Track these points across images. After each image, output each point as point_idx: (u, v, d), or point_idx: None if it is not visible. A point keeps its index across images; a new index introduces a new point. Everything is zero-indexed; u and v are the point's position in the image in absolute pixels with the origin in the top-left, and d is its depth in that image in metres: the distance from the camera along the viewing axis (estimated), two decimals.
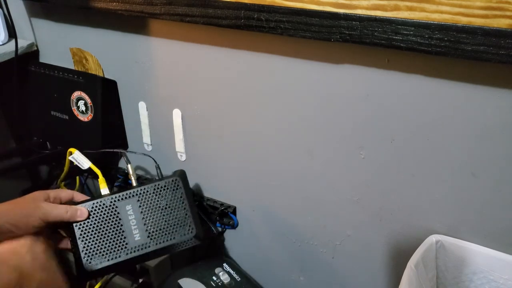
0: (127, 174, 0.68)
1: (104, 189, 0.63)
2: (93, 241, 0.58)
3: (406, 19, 0.46)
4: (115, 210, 0.60)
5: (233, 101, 0.69)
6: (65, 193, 0.61)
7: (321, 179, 0.67)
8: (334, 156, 0.64)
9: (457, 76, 0.50)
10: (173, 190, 0.63)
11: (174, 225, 0.61)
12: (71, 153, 0.69)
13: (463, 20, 0.44)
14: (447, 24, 0.45)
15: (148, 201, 0.62)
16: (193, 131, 0.78)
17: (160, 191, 0.62)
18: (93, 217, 0.59)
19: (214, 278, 0.75)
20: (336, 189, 0.66)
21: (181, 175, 0.64)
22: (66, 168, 0.79)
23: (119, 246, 0.59)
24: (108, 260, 0.58)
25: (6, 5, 0.85)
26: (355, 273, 0.72)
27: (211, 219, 0.82)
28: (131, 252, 0.59)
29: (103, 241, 0.59)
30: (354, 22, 0.49)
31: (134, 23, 0.73)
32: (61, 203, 0.58)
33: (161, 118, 0.80)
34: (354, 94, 0.58)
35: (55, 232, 0.61)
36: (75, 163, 0.69)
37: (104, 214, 0.60)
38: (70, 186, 0.97)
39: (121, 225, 0.60)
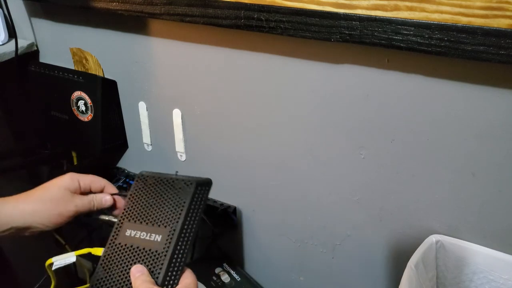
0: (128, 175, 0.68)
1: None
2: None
3: (406, 19, 0.46)
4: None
5: (233, 101, 0.69)
6: (96, 183, 0.58)
7: (321, 179, 0.67)
8: (334, 156, 0.64)
9: (457, 76, 0.50)
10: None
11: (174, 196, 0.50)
12: (51, 265, 0.54)
13: (463, 20, 0.44)
14: (447, 24, 0.45)
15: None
16: (193, 131, 0.78)
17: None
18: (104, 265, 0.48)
19: (214, 278, 0.75)
20: (336, 189, 0.66)
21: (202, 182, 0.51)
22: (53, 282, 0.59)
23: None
24: None
25: (6, 5, 0.85)
26: (355, 273, 0.72)
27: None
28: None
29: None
30: (354, 22, 0.49)
31: (134, 23, 0.73)
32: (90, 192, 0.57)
33: (161, 118, 0.80)
34: (354, 94, 0.58)
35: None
36: (63, 266, 0.56)
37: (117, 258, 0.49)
38: None
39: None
